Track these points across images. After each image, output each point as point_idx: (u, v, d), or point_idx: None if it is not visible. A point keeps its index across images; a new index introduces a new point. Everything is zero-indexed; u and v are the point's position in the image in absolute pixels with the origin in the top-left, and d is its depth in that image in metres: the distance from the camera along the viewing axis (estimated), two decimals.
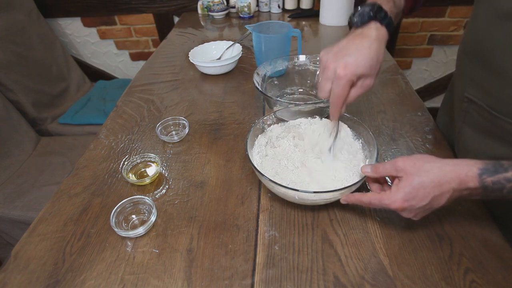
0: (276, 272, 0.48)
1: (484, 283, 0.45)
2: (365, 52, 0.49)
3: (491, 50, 0.50)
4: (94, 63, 1.97)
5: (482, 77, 0.53)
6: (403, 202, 0.44)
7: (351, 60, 0.48)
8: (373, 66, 0.50)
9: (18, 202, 1.09)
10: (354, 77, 0.49)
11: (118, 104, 0.88)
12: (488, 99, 0.53)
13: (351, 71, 0.48)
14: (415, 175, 0.44)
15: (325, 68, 0.51)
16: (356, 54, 0.49)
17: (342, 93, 0.50)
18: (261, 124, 0.64)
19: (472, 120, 0.58)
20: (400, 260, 0.48)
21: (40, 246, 0.53)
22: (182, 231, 0.54)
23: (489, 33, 0.50)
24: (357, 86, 0.51)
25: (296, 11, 1.52)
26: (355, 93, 0.51)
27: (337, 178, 0.56)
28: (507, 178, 0.40)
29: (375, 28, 0.51)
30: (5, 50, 1.36)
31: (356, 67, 0.48)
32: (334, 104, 0.52)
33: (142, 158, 0.67)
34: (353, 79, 0.49)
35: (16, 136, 1.29)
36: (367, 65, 0.49)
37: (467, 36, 0.58)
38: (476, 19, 0.54)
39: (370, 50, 0.49)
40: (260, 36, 0.88)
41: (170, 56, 1.14)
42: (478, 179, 0.41)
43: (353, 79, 0.49)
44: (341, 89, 0.50)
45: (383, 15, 0.51)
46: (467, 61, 0.58)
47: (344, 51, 0.50)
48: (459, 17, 1.66)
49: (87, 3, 1.71)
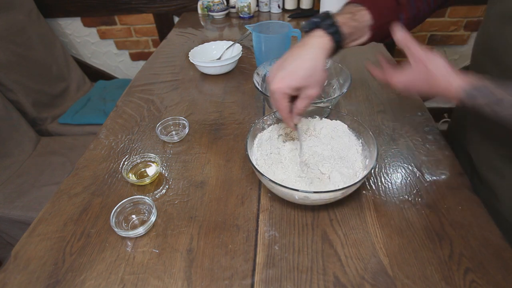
0: (276, 272, 0.48)
1: (484, 283, 0.45)
2: (300, 64, 0.49)
3: (503, 48, 0.51)
4: (94, 63, 1.97)
5: (497, 74, 0.54)
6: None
7: (284, 73, 0.49)
8: (310, 75, 0.49)
9: (18, 202, 1.09)
10: (288, 90, 0.49)
11: (118, 104, 0.88)
12: None
13: (284, 84, 0.49)
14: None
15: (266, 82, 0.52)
16: (291, 67, 0.49)
17: (281, 106, 0.51)
18: (261, 124, 0.64)
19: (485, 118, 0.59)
20: (400, 260, 0.48)
21: (40, 246, 0.53)
22: (182, 231, 0.54)
23: (501, 32, 0.51)
24: (301, 98, 0.51)
25: (296, 11, 1.52)
26: (301, 104, 0.52)
27: (332, 181, 0.57)
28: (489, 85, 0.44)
29: (318, 36, 0.51)
30: (5, 50, 1.36)
31: (290, 80, 0.49)
32: (281, 115, 0.53)
33: (142, 158, 0.67)
34: (288, 92, 0.49)
35: (16, 136, 1.29)
36: (301, 75, 0.49)
37: (481, 34, 0.59)
38: (489, 19, 0.55)
39: (304, 60, 0.49)
40: (260, 36, 0.88)
41: (170, 56, 1.14)
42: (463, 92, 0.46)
43: (287, 92, 0.49)
44: (278, 103, 0.51)
45: (330, 23, 0.51)
46: (482, 59, 0.58)
47: (283, 64, 0.50)
48: (459, 17, 1.66)
49: (87, 3, 1.71)
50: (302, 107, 0.52)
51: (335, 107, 0.81)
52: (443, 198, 0.57)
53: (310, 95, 0.51)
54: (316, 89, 0.51)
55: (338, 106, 0.82)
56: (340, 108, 0.81)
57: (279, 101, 0.50)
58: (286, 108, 0.51)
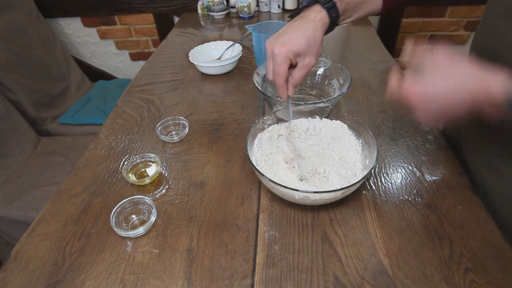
0: (276, 272, 0.48)
1: (484, 283, 0.45)
2: (300, 32, 0.53)
3: (502, 44, 0.50)
4: (94, 63, 1.97)
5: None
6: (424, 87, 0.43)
7: (286, 38, 0.52)
8: (310, 45, 0.53)
9: (18, 202, 1.09)
10: (290, 54, 0.52)
11: (118, 104, 0.88)
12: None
13: (286, 48, 0.52)
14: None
15: (266, 50, 0.54)
16: (291, 33, 0.53)
17: (281, 71, 0.53)
18: (261, 124, 0.64)
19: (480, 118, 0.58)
20: (400, 260, 0.48)
21: (40, 246, 0.53)
22: (182, 231, 0.54)
23: (501, 27, 0.51)
24: (299, 67, 0.54)
25: (296, 11, 1.52)
26: (298, 73, 0.54)
27: (330, 182, 0.57)
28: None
29: (315, 10, 0.54)
30: (5, 50, 1.36)
31: (292, 45, 0.52)
32: (276, 83, 0.55)
33: (142, 158, 0.67)
34: (290, 57, 0.52)
35: (16, 136, 1.29)
36: (302, 43, 0.52)
37: (479, 32, 0.58)
38: (489, 14, 0.54)
39: (306, 30, 0.53)
40: (260, 36, 0.88)
41: (170, 56, 1.14)
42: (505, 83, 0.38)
43: (289, 56, 0.52)
44: (278, 66, 0.52)
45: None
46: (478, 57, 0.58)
47: (282, 33, 0.53)
48: (459, 17, 1.66)
49: (87, 3, 1.71)
50: (299, 76, 0.55)
51: (335, 107, 0.81)
52: (443, 198, 0.57)
53: (308, 64, 0.54)
54: (314, 59, 0.54)
55: (338, 106, 0.82)
56: (340, 108, 0.81)
57: (280, 64, 0.52)
58: (285, 74, 0.53)
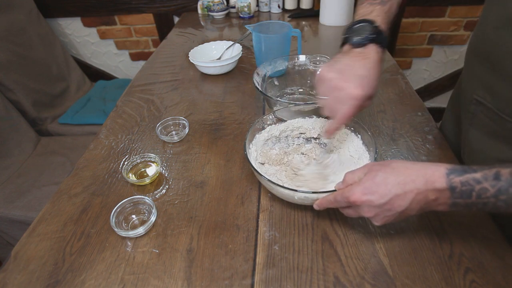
0: (276, 272, 0.48)
1: (484, 283, 0.45)
2: (371, 73, 0.49)
3: (502, 54, 0.49)
4: (94, 63, 1.97)
5: (492, 79, 0.52)
6: (362, 195, 0.42)
7: (365, 81, 0.48)
8: (376, 87, 0.50)
9: (18, 202, 1.09)
10: (364, 98, 0.48)
11: (118, 104, 0.88)
12: (498, 101, 0.52)
13: (366, 91, 0.48)
14: (379, 171, 0.43)
15: (334, 87, 0.49)
16: (365, 74, 0.48)
17: (352, 113, 0.49)
18: (261, 124, 0.64)
19: (480, 123, 0.57)
20: (400, 260, 0.48)
21: (40, 246, 0.53)
22: (182, 231, 0.54)
23: (500, 37, 0.49)
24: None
25: (296, 11, 1.52)
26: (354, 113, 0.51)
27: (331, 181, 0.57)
28: (475, 179, 0.37)
29: (375, 51, 0.50)
30: (5, 50, 1.36)
31: (369, 88, 0.48)
32: (338, 122, 0.51)
33: (142, 158, 0.67)
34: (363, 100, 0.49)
35: (16, 136, 1.29)
36: (374, 86, 0.49)
37: (477, 37, 0.57)
38: (487, 21, 0.53)
39: (374, 71, 0.49)
40: (260, 36, 0.88)
41: (170, 56, 1.14)
42: (446, 178, 0.39)
43: (363, 99, 0.48)
44: (353, 109, 0.49)
45: (383, 38, 0.51)
46: (476, 63, 0.57)
47: (352, 70, 0.49)
48: (459, 17, 1.66)
49: (87, 3, 1.71)
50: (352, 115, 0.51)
51: None
52: None
53: (367, 105, 0.51)
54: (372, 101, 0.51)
55: None
56: None
57: (357, 107, 0.48)
58: (354, 115, 0.50)
